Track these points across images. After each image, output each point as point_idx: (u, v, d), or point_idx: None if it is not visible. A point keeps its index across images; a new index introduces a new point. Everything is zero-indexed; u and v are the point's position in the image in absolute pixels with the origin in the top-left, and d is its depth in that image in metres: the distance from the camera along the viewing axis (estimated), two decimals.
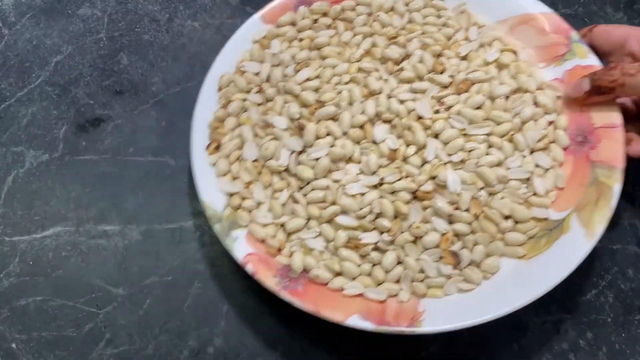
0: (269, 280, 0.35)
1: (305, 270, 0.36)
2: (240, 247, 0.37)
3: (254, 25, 0.44)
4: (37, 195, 0.42)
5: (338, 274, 0.36)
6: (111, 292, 0.40)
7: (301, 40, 0.43)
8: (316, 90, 0.40)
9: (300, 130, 0.38)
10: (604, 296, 0.40)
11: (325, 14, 0.44)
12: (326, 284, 0.36)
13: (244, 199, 0.38)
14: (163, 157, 0.44)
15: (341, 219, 0.36)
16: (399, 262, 0.36)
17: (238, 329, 0.39)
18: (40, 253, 0.41)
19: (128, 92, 0.46)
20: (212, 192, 0.38)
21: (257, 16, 0.44)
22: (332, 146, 0.38)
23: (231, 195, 0.39)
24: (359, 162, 0.38)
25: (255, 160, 0.39)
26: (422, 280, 0.36)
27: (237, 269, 0.39)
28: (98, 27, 0.49)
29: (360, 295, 0.35)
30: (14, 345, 0.38)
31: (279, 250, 0.37)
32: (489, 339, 0.38)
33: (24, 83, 0.46)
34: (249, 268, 0.36)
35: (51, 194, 0.42)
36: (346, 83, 0.40)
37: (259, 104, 0.41)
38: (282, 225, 0.37)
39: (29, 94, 0.46)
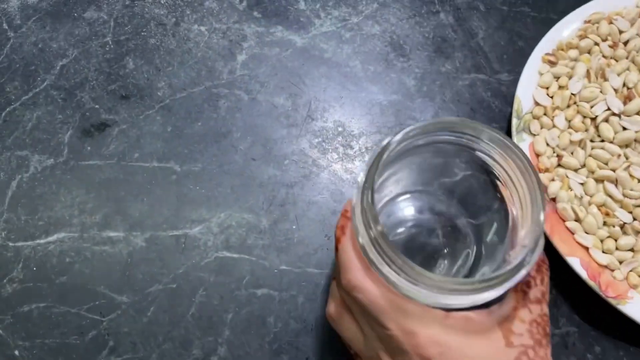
0: None
1: (554, 200, 0.40)
2: (522, 149, 0.40)
3: None
4: (41, 201, 0.42)
5: (577, 220, 0.40)
6: (115, 300, 0.39)
7: None
8: None
9: (627, 98, 0.41)
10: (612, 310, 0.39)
11: None
12: (564, 221, 0.40)
13: (544, 114, 0.43)
14: (168, 162, 0.43)
15: (610, 186, 0.40)
16: (631, 249, 0.39)
17: (243, 338, 0.38)
18: (44, 259, 0.40)
19: (134, 97, 0.46)
20: (526, 92, 0.43)
21: None
22: None
23: (537, 105, 0.43)
24: None
25: (572, 94, 0.43)
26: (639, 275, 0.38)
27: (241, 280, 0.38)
28: (104, 30, 0.48)
29: (585, 248, 0.39)
30: (16, 352, 0.38)
31: (546, 170, 0.41)
32: None
33: (29, 87, 0.46)
34: None
35: (55, 199, 0.42)
36: None
37: (604, 56, 0.44)
38: (559, 156, 0.41)
39: (34, 97, 0.45)
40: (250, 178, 0.43)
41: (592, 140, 0.42)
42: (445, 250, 0.34)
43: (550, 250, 0.39)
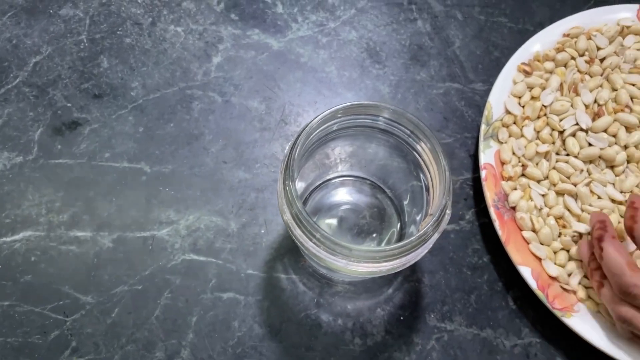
0: (490, 193, 0.40)
1: (514, 209, 0.41)
2: (488, 155, 0.42)
3: (633, 11, 0.46)
4: (8, 198, 0.42)
5: (533, 230, 0.40)
6: (79, 300, 0.39)
7: None
8: (632, 98, 0.42)
9: (596, 115, 0.41)
10: None
11: None
12: (521, 230, 0.40)
13: (514, 123, 0.43)
14: (139, 163, 0.43)
15: (569, 200, 0.40)
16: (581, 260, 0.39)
17: (206, 342, 0.38)
18: (9, 257, 0.40)
19: (107, 96, 0.46)
20: (499, 100, 0.43)
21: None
22: (610, 146, 0.41)
23: (508, 113, 0.43)
24: (618, 175, 0.40)
25: (544, 105, 0.43)
26: (587, 288, 0.38)
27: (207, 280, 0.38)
28: (79, 28, 0.48)
29: (539, 259, 0.39)
30: None
31: (509, 179, 0.41)
32: None
33: (1, 83, 0.45)
34: (483, 174, 0.41)
35: (23, 197, 0.42)
36: None
37: (580, 71, 0.44)
38: (524, 165, 0.42)
39: (6, 94, 0.45)
40: (221, 181, 0.43)
41: (557, 153, 0.42)
42: (373, 230, 0.38)
43: (508, 260, 0.40)
